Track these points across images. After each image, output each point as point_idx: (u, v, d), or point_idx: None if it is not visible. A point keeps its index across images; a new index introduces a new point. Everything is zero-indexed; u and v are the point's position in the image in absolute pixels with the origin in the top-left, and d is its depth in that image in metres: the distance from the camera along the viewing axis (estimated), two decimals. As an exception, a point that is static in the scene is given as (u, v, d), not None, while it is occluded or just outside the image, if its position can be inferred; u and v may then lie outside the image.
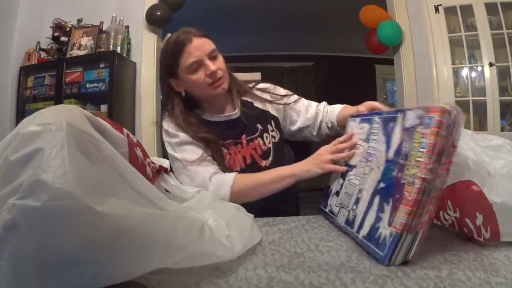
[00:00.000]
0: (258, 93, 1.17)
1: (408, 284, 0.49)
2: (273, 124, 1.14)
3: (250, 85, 1.19)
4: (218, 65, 1.02)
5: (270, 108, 1.16)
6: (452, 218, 0.67)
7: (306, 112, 1.17)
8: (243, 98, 1.15)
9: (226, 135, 1.07)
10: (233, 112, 1.11)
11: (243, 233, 0.59)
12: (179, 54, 0.99)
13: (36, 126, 0.37)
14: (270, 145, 1.10)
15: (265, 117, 1.14)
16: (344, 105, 1.13)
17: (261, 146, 1.09)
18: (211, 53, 1.01)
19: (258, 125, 1.11)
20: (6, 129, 2.30)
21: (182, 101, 1.07)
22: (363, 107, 0.95)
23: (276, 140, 1.13)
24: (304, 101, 1.20)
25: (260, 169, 1.05)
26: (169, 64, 1.03)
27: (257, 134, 1.10)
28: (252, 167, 1.06)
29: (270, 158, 1.09)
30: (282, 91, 1.21)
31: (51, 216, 0.33)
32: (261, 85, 1.21)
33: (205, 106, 1.10)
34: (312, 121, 1.16)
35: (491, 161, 0.71)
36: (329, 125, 1.14)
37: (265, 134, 1.10)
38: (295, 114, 1.18)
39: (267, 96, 1.18)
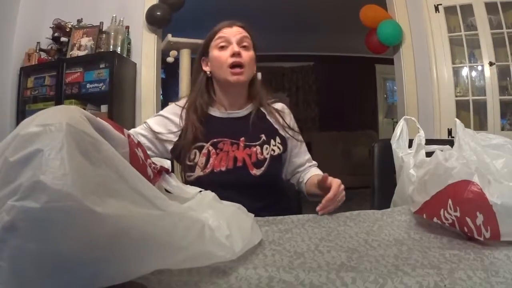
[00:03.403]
0: (272, 110, 1.16)
1: (408, 283, 0.49)
2: (277, 140, 1.11)
3: (269, 101, 1.17)
4: (244, 54, 1.05)
5: (279, 128, 1.14)
6: (452, 217, 0.67)
7: (297, 156, 1.18)
8: (259, 107, 1.14)
9: (223, 133, 1.05)
10: (239, 110, 1.11)
11: (244, 233, 0.59)
12: (214, 34, 1.09)
13: (36, 127, 0.37)
14: (268, 156, 1.07)
15: (272, 132, 1.12)
16: (317, 173, 1.12)
17: (258, 154, 1.06)
18: (241, 40, 1.07)
19: (262, 135, 1.08)
20: (6, 130, 2.30)
21: (206, 81, 1.12)
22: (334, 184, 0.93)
23: (275, 153, 1.09)
24: (303, 147, 1.20)
25: (249, 176, 1.03)
26: (205, 42, 1.11)
27: (257, 143, 1.07)
28: (241, 172, 1.03)
29: (263, 169, 1.05)
30: (293, 124, 1.19)
31: (51, 218, 0.33)
32: (278, 106, 1.19)
33: (219, 96, 1.11)
34: (294, 166, 1.18)
35: (492, 161, 0.71)
36: (301, 180, 1.16)
37: (265, 146, 1.08)
38: (289, 150, 1.17)
39: (279, 118, 1.15)
